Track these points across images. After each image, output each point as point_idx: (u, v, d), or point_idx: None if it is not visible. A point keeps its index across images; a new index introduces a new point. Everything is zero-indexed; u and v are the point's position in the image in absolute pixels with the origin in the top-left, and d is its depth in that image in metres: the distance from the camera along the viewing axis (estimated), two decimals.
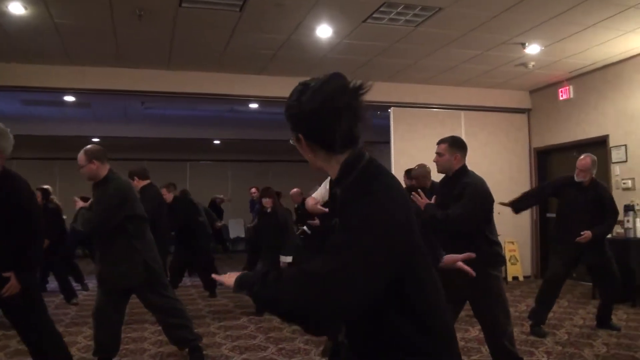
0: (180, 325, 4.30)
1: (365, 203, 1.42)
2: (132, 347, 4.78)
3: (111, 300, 4.06)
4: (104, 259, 4.03)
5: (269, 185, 7.24)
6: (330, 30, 6.29)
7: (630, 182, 7.42)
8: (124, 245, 3.96)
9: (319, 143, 1.53)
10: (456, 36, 6.58)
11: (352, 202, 1.45)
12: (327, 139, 1.52)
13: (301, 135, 1.53)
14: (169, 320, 4.27)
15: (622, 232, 6.83)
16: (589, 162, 5.18)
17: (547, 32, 6.36)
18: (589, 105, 8.25)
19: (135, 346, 4.76)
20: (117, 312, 4.12)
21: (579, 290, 7.29)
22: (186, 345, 4.38)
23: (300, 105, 1.51)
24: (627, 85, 7.54)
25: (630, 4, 5.54)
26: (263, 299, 1.45)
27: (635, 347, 4.65)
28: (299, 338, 5.23)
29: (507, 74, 8.34)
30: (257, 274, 1.49)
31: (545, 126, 9.19)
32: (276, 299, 1.41)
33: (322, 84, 1.51)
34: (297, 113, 1.52)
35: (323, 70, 3.96)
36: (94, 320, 4.10)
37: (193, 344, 4.36)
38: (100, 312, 4.05)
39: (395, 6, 5.63)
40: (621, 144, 7.63)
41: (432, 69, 8.08)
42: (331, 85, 1.51)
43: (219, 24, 5.99)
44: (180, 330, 4.30)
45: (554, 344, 4.81)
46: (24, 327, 3.26)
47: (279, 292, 1.40)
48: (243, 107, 10.04)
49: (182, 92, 7.91)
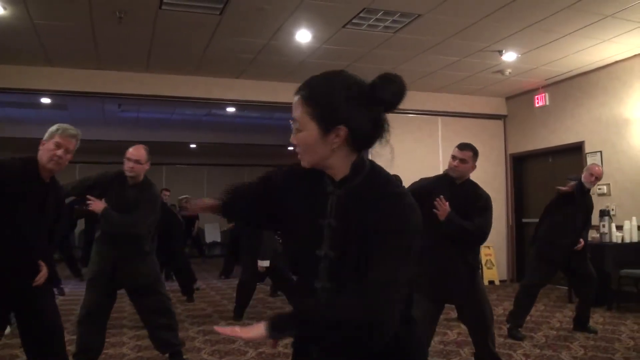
0: (169, 327, 4.29)
1: (402, 206, 1.44)
2: (111, 352, 4.72)
3: (107, 302, 4.12)
4: (127, 258, 4.08)
5: None
6: (309, 35, 6.31)
7: (606, 187, 7.58)
8: (142, 245, 4.16)
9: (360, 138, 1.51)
10: (434, 43, 6.66)
11: (383, 204, 1.44)
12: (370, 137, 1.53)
13: (344, 127, 1.47)
14: (160, 320, 4.25)
15: (597, 236, 6.97)
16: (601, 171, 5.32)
17: (524, 39, 6.48)
18: (564, 112, 8.40)
19: (114, 351, 4.71)
20: (107, 315, 4.19)
21: (555, 294, 7.41)
22: (170, 350, 4.34)
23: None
24: (603, 93, 7.70)
25: (607, 13, 5.67)
26: (324, 326, 1.36)
27: (613, 349, 4.74)
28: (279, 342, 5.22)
29: (484, 81, 8.45)
30: (290, 312, 1.44)
31: (521, 132, 9.33)
32: (339, 320, 1.35)
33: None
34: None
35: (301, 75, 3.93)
36: (84, 324, 4.05)
37: (176, 349, 4.34)
38: (93, 315, 4.04)
39: (375, 12, 5.68)
40: (596, 150, 7.79)
41: (410, 75, 8.14)
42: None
43: (199, 27, 5.97)
44: (168, 332, 4.29)
45: (531, 347, 4.89)
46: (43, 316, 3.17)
47: (341, 311, 1.36)
48: (221, 110, 10.02)
49: (160, 95, 7.86)
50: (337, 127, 1.46)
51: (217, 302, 7.72)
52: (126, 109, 9.93)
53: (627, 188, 7.32)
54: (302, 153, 1.53)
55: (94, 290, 4.09)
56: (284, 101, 8.37)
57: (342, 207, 1.50)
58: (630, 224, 6.89)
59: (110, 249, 4.08)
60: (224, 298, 8.12)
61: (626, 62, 7.29)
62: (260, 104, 8.53)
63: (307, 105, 1.48)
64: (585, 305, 5.42)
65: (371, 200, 1.46)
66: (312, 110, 1.47)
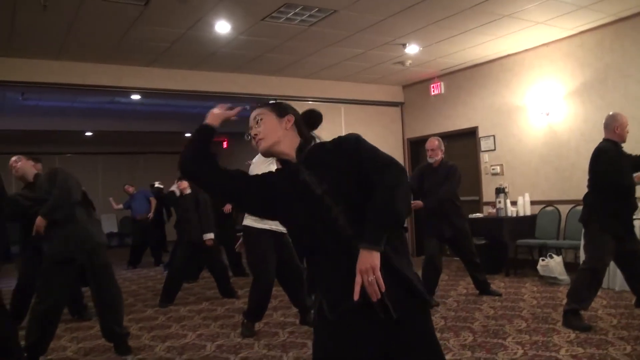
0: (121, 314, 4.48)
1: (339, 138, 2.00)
2: (51, 345, 4.69)
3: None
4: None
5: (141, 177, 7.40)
6: (228, 27, 6.47)
7: (499, 168, 8.49)
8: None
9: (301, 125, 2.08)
10: (344, 36, 7.07)
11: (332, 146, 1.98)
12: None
13: (292, 116, 2.05)
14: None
15: (494, 212, 7.79)
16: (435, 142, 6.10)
17: (427, 34, 7.07)
18: (459, 100, 9.20)
19: (54, 344, 4.68)
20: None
21: (454, 265, 8.14)
22: (118, 340, 4.43)
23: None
24: (495, 83, 8.56)
25: (504, 14, 6.39)
26: (394, 207, 1.81)
27: (519, 307, 5.41)
28: (213, 324, 5.46)
29: (384, 71, 9.02)
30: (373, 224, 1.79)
31: (418, 118, 10.07)
32: (396, 196, 1.81)
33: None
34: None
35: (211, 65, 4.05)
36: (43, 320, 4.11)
37: (125, 338, 4.46)
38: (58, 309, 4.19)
39: (295, 7, 5.96)
40: (490, 134, 8.66)
41: (317, 65, 8.53)
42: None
43: (120, 17, 5.94)
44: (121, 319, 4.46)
45: (446, 311, 5.47)
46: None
47: (391, 191, 1.82)
48: (124, 98, 9.85)
49: (68, 84, 7.64)
50: (287, 115, 2.04)
51: (136, 292, 7.72)
52: (29, 97, 9.50)
53: (518, 167, 8.24)
54: (261, 137, 2.01)
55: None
56: (193, 89, 8.47)
57: (310, 165, 1.96)
58: (523, 199, 7.74)
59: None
60: (141, 287, 8.12)
61: (517, 56, 8.16)
62: (167, 92, 8.52)
63: (265, 107, 2.07)
64: (477, 270, 6.10)
65: (326, 150, 1.98)
66: (269, 108, 2.07)
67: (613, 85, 6.93)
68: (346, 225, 1.84)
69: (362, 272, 1.72)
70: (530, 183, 7.99)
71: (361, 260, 1.74)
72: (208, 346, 4.66)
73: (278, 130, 2.01)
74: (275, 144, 2.01)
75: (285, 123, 2.02)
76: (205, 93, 8.64)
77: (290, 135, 2.03)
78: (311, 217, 1.89)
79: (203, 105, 11.15)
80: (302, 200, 1.91)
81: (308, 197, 1.89)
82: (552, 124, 7.70)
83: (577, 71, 7.35)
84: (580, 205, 4.90)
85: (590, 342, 4.11)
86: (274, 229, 4.81)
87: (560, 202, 7.49)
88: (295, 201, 1.93)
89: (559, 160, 7.59)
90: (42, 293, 4.11)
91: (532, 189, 7.91)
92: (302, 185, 1.91)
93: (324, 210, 1.86)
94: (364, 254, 1.74)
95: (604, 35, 7.01)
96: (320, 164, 1.94)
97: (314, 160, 1.96)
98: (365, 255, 1.73)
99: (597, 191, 4.63)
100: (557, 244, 7.14)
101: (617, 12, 6.61)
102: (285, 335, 4.88)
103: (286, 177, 1.99)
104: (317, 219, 1.88)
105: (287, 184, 1.96)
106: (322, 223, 1.87)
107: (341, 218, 1.84)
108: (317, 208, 1.88)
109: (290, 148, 2.02)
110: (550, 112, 7.67)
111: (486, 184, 8.69)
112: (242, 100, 10.02)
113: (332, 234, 1.85)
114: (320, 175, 1.90)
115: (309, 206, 1.90)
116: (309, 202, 1.89)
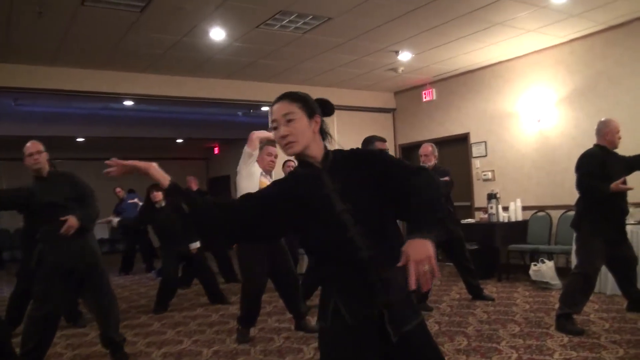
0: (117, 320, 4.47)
1: (366, 150, 2.09)
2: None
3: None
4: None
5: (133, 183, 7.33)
6: (223, 34, 6.50)
7: (490, 173, 8.59)
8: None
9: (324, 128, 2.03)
10: (338, 43, 7.12)
11: (359, 157, 1.98)
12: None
13: (319, 118, 1.98)
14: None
15: (486, 217, 7.84)
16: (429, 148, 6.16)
17: (420, 41, 7.15)
18: (450, 106, 9.29)
19: (49, 351, 4.66)
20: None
21: (446, 271, 8.19)
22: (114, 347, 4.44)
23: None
24: (487, 90, 8.65)
25: (496, 22, 6.49)
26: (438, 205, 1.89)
27: (512, 312, 5.47)
28: (208, 330, 5.48)
29: (377, 77, 9.09)
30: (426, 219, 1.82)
31: (410, 125, 10.14)
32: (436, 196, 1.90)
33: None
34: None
35: (206, 71, 4.00)
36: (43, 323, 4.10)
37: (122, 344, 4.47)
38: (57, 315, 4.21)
39: (289, 14, 6.01)
40: (481, 140, 8.74)
41: (310, 72, 8.58)
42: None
43: (116, 23, 5.95)
44: (117, 325, 4.45)
45: (440, 316, 5.51)
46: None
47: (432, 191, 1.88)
48: (117, 104, 9.85)
49: (61, 90, 7.62)
50: (315, 115, 1.95)
51: (130, 298, 7.71)
52: (22, 103, 9.49)
53: (509, 173, 8.33)
54: (293, 140, 1.90)
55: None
56: (188, 95, 8.49)
57: (334, 176, 1.92)
58: (515, 205, 7.81)
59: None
60: (133, 294, 8.11)
61: (509, 63, 8.26)
62: (160, 98, 8.54)
63: (295, 102, 1.93)
64: (470, 275, 6.17)
65: (349, 162, 1.96)
66: (299, 105, 1.93)
67: (604, 92, 7.03)
68: (362, 248, 1.84)
69: (418, 262, 1.66)
70: (522, 189, 8.07)
71: (416, 250, 1.68)
72: (204, 352, 4.67)
73: (308, 133, 1.92)
74: (306, 148, 1.92)
75: (314, 125, 1.94)
76: (200, 99, 8.67)
77: (317, 137, 1.96)
78: (327, 233, 1.89)
79: (197, 111, 11.22)
80: (320, 214, 1.89)
81: (327, 212, 1.87)
82: (543, 130, 7.79)
83: (568, 78, 7.45)
84: (572, 211, 4.98)
85: (583, 345, 4.16)
86: None
87: (551, 208, 7.57)
88: (312, 211, 1.90)
89: (551, 166, 7.67)
90: (41, 299, 4.10)
91: (523, 194, 7.99)
92: (323, 198, 1.88)
93: (340, 229, 1.85)
94: (418, 243, 1.69)
95: (594, 43, 7.12)
96: (344, 176, 1.91)
97: (339, 171, 1.93)
98: (420, 245, 1.69)
99: (585, 196, 4.71)
100: (548, 249, 7.21)
101: (607, 21, 6.72)
102: (281, 340, 4.90)
103: (308, 182, 1.93)
104: (333, 236, 1.87)
105: (307, 191, 1.92)
106: (338, 242, 1.86)
107: (357, 240, 1.84)
108: (334, 225, 1.87)
109: (318, 151, 1.95)
110: (541, 118, 7.76)
111: (478, 189, 8.77)
112: (237, 106, 10.10)
113: (347, 253, 1.86)
114: (343, 190, 1.88)
115: (326, 222, 1.88)
116: (326, 218, 1.88)
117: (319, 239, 1.92)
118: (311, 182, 1.92)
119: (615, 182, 4.41)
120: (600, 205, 4.58)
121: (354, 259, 1.85)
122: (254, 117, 11.06)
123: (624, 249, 4.68)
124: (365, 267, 1.84)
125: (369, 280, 1.84)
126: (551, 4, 5.96)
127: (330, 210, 1.86)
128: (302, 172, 1.98)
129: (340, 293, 1.89)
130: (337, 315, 1.88)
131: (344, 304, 1.87)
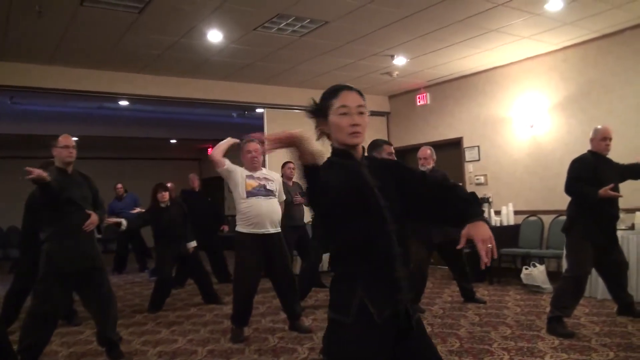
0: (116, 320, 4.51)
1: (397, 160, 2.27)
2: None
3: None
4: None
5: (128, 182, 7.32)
6: (220, 36, 6.55)
7: (483, 178, 8.67)
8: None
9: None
10: (335, 46, 7.18)
11: (391, 164, 2.21)
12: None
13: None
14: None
15: None
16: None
17: (416, 47, 7.22)
18: (444, 111, 9.37)
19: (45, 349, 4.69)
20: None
21: (439, 274, 8.26)
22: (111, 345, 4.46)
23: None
24: (481, 94, 8.74)
25: (492, 28, 6.57)
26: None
27: (504, 315, 5.53)
28: (202, 329, 5.51)
29: (372, 81, 9.15)
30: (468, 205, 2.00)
31: (404, 128, 10.21)
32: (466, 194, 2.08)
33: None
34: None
35: (203, 72, 4.05)
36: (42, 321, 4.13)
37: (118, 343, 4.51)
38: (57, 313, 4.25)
39: (287, 18, 6.06)
40: (474, 145, 8.82)
41: (307, 74, 8.63)
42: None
43: (115, 24, 5.98)
44: (115, 325, 4.49)
45: (432, 318, 5.57)
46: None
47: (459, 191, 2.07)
48: (113, 104, 9.86)
49: (58, 89, 7.64)
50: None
51: (124, 298, 7.71)
52: (18, 102, 9.49)
53: (502, 178, 8.41)
54: (362, 132, 2.01)
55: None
56: (185, 96, 8.53)
57: (373, 173, 2.04)
58: (507, 209, 7.90)
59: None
60: (127, 293, 8.13)
61: (503, 68, 8.35)
62: (157, 98, 8.57)
63: (363, 98, 2.09)
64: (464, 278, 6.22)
65: (381, 165, 2.14)
66: (365, 102, 2.08)
67: (596, 100, 7.13)
68: (396, 244, 1.95)
69: (485, 241, 1.87)
70: (514, 193, 8.15)
71: (480, 232, 1.88)
72: (199, 351, 4.71)
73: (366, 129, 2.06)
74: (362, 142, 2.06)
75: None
76: (196, 100, 8.71)
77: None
78: (369, 225, 1.96)
79: (191, 112, 11.23)
80: (365, 205, 1.96)
81: (373, 204, 1.96)
82: (536, 135, 7.87)
83: (561, 85, 7.54)
84: (563, 216, 5.05)
85: (574, 348, 4.23)
86: (261, 233, 4.90)
87: (543, 212, 7.66)
88: (357, 201, 1.95)
89: (543, 171, 7.76)
90: (41, 298, 4.13)
91: (515, 199, 8.07)
92: (370, 190, 1.98)
93: (383, 222, 1.96)
94: (480, 225, 1.91)
95: (588, 51, 7.21)
96: (380, 175, 2.04)
97: (375, 170, 2.06)
98: (482, 227, 1.89)
99: (576, 200, 4.79)
100: (540, 253, 7.29)
101: (600, 29, 6.82)
102: (276, 340, 4.95)
103: (348, 173, 1.98)
104: (375, 228, 1.95)
105: (350, 180, 1.96)
106: (378, 234, 1.95)
107: (394, 236, 1.96)
108: (378, 218, 1.96)
109: (360, 149, 2.08)
110: (534, 124, 7.85)
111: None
112: (233, 108, 10.14)
113: (384, 247, 1.95)
114: (381, 188, 2.00)
115: (370, 214, 1.95)
116: (371, 209, 1.96)
117: (359, 230, 1.95)
118: (352, 173, 1.99)
119: (605, 187, 4.49)
120: (591, 210, 4.66)
121: (389, 254, 1.94)
122: (248, 118, 11.10)
123: (614, 254, 4.76)
124: (395, 262, 1.94)
125: (395, 276, 1.94)
126: (546, 11, 6.05)
127: (376, 203, 1.96)
128: (341, 162, 2.03)
129: (367, 289, 1.92)
130: (363, 312, 1.91)
131: (371, 300, 1.91)
